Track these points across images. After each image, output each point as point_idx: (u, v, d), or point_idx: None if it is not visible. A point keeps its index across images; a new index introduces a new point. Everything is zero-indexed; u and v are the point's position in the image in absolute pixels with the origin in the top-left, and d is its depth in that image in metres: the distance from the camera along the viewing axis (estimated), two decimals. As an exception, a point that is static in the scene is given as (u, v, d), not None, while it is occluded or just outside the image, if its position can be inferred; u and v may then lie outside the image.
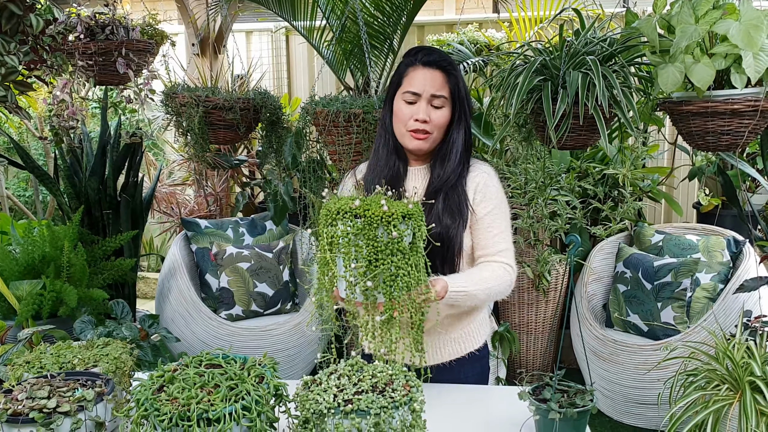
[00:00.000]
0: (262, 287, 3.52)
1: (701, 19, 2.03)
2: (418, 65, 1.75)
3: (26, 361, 1.53)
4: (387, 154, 1.81)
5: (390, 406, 1.21)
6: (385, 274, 1.44)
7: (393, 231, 1.42)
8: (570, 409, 1.37)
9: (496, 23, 4.77)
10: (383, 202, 1.44)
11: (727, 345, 2.25)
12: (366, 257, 1.43)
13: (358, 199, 1.46)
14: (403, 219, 1.44)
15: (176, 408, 1.17)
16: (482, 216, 1.76)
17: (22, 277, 2.75)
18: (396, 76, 1.79)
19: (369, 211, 1.43)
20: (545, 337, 3.71)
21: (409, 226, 1.46)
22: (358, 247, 1.44)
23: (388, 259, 1.43)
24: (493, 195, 1.79)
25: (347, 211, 1.44)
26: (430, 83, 1.73)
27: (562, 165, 3.56)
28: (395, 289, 1.44)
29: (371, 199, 1.48)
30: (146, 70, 2.95)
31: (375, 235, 1.43)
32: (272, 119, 3.18)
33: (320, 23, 3.49)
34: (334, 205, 1.47)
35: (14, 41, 2.06)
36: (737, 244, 3.26)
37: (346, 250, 1.44)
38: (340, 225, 1.45)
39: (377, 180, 1.78)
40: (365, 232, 1.43)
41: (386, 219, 1.42)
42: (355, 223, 1.43)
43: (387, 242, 1.43)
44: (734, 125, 2.10)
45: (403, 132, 1.76)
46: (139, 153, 3.63)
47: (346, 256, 1.45)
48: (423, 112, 1.72)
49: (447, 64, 1.76)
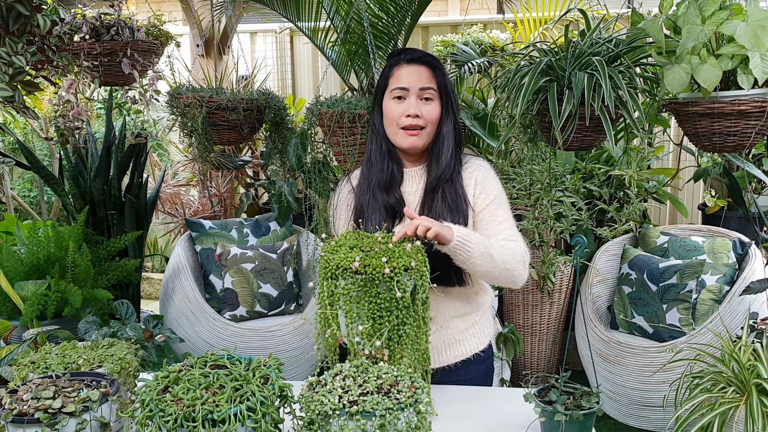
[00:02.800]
0: (267, 288, 3.52)
1: (708, 20, 2.02)
2: (403, 63, 1.76)
3: (31, 361, 1.53)
4: (381, 159, 1.79)
5: (395, 408, 1.20)
6: (389, 331, 1.42)
7: (397, 291, 1.39)
8: (576, 411, 1.36)
9: (500, 24, 4.77)
10: (385, 260, 1.40)
11: (733, 347, 2.24)
12: (368, 314, 1.41)
13: (358, 253, 1.43)
14: (405, 272, 1.41)
15: (181, 409, 1.17)
16: (484, 207, 1.75)
17: (26, 277, 2.76)
18: (382, 79, 1.79)
19: (369, 268, 1.40)
20: (549, 338, 3.70)
21: (411, 277, 1.44)
22: (360, 304, 1.41)
23: (392, 316, 1.42)
24: (492, 186, 1.78)
25: (347, 268, 1.41)
26: (417, 78, 1.73)
27: (567, 166, 3.55)
28: (401, 344, 1.43)
29: (370, 248, 1.45)
30: (151, 70, 2.95)
31: (377, 292, 1.41)
32: (276, 120, 3.18)
33: (324, 24, 3.49)
34: (333, 260, 1.43)
35: (22, 41, 2.06)
36: (743, 245, 3.24)
37: (348, 307, 1.42)
38: (341, 281, 1.42)
39: (373, 186, 1.77)
40: (367, 289, 1.41)
41: (388, 277, 1.39)
42: (356, 280, 1.41)
43: (390, 299, 1.41)
44: (741, 126, 2.09)
45: (395, 131, 1.75)
46: (144, 153, 3.63)
47: (347, 314, 1.43)
48: (414, 107, 1.72)
49: (431, 59, 1.77)
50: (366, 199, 1.77)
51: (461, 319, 1.77)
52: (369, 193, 1.76)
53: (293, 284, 3.64)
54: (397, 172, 1.79)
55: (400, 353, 1.44)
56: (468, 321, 1.79)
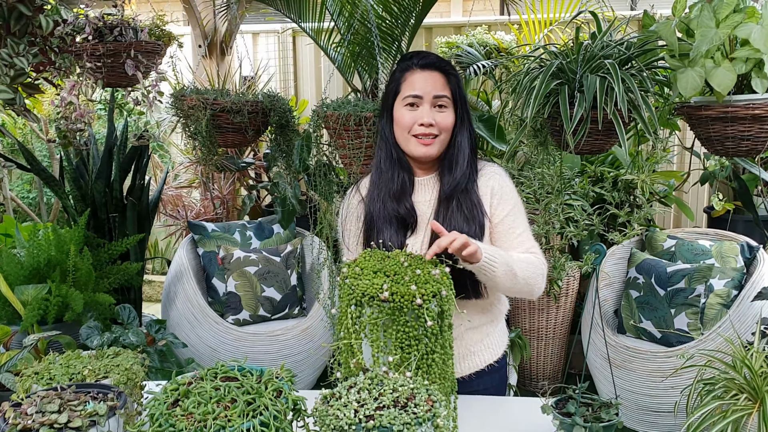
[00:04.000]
0: (270, 291, 3.48)
1: (722, 23, 1.99)
2: (416, 69, 1.69)
3: (35, 372, 1.49)
4: (391, 168, 1.73)
5: (413, 423, 1.17)
6: (417, 360, 1.37)
7: (428, 320, 1.34)
8: (596, 423, 1.33)
9: (505, 26, 4.73)
10: (414, 288, 1.35)
11: (745, 353, 2.21)
12: (396, 344, 1.36)
13: (383, 279, 1.37)
14: (433, 297, 1.36)
15: (192, 424, 1.14)
16: (502, 218, 1.71)
17: (27, 281, 2.71)
18: (393, 84, 1.72)
19: (398, 296, 1.35)
20: (555, 343, 3.66)
21: (438, 303, 1.39)
22: (387, 333, 1.36)
23: (421, 345, 1.37)
24: (509, 195, 1.73)
25: (373, 296, 1.36)
26: (431, 85, 1.67)
27: (575, 169, 3.52)
28: (430, 374, 1.39)
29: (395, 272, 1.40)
30: (154, 71, 2.91)
31: (405, 321, 1.36)
32: (282, 122, 3.14)
33: (328, 25, 3.46)
34: (358, 287, 1.38)
35: (23, 43, 2.03)
36: (751, 249, 3.22)
37: (375, 336, 1.37)
38: (367, 308, 1.37)
39: (383, 196, 1.71)
40: (395, 317, 1.36)
41: (417, 306, 1.34)
42: (383, 308, 1.36)
43: (418, 327, 1.36)
44: (755, 130, 2.06)
45: (407, 138, 1.69)
46: (146, 155, 3.59)
47: (374, 343, 1.37)
48: (427, 115, 1.65)
49: (445, 65, 1.71)
50: (376, 210, 1.71)
51: (476, 330, 1.73)
52: (379, 203, 1.71)
53: (297, 288, 3.60)
54: (408, 181, 1.73)
55: (430, 381, 1.39)
56: (482, 332, 1.75)
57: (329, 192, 2.90)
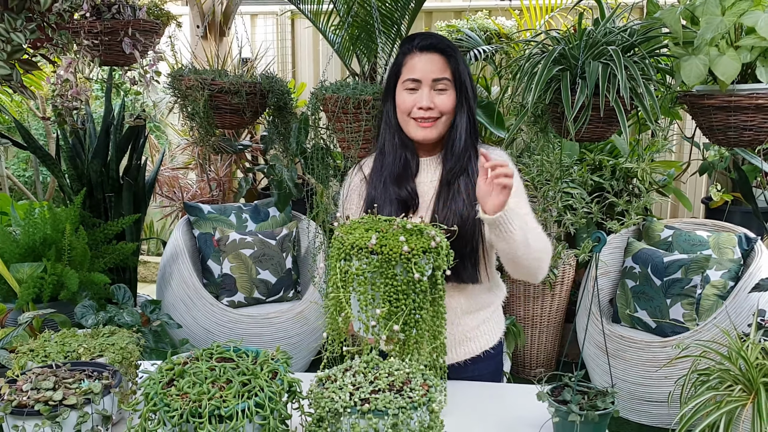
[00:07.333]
0: (265, 274, 3.48)
1: (728, 11, 1.97)
2: (416, 51, 1.68)
3: (30, 349, 1.48)
4: (394, 150, 1.73)
5: (408, 407, 1.16)
6: (405, 315, 1.36)
7: (415, 272, 1.33)
8: (591, 411, 1.32)
9: (506, 11, 4.69)
10: (403, 239, 1.34)
11: (741, 345, 2.21)
12: (384, 297, 1.34)
13: (374, 233, 1.36)
14: (424, 253, 1.35)
15: (187, 404, 1.13)
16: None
17: (22, 259, 2.70)
18: (394, 66, 1.72)
19: (386, 248, 1.33)
20: (550, 331, 3.67)
21: (429, 261, 1.37)
22: (375, 286, 1.34)
23: (409, 300, 1.35)
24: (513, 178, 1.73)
25: (362, 247, 1.34)
26: (430, 68, 1.66)
27: (574, 157, 3.50)
28: (418, 330, 1.37)
29: (388, 230, 1.38)
30: (152, 51, 2.88)
31: (393, 274, 1.34)
32: (280, 104, 3.11)
33: (327, 7, 3.42)
34: (348, 239, 1.36)
35: (21, 18, 2.00)
36: (749, 241, 3.21)
37: (363, 289, 1.35)
38: (355, 261, 1.35)
39: (385, 177, 1.71)
40: (383, 270, 1.34)
41: (406, 257, 1.33)
42: (371, 260, 1.34)
43: (407, 281, 1.34)
44: (758, 120, 2.05)
45: (407, 121, 1.69)
46: (143, 136, 3.57)
47: (362, 296, 1.36)
48: (426, 99, 1.65)
49: (446, 47, 1.69)
50: (378, 191, 1.71)
51: (472, 315, 1.73)
52: (381, 184, 1.71)
53: (292, 271, 3.59)
54: (413, 162, 1.73)
55: (416, 339, 1.39)
56: (479, 318, 1.74)
57: (326, 176, 2.88)
